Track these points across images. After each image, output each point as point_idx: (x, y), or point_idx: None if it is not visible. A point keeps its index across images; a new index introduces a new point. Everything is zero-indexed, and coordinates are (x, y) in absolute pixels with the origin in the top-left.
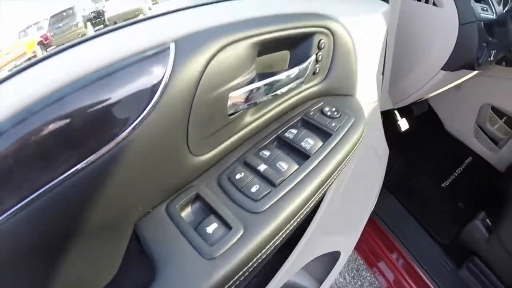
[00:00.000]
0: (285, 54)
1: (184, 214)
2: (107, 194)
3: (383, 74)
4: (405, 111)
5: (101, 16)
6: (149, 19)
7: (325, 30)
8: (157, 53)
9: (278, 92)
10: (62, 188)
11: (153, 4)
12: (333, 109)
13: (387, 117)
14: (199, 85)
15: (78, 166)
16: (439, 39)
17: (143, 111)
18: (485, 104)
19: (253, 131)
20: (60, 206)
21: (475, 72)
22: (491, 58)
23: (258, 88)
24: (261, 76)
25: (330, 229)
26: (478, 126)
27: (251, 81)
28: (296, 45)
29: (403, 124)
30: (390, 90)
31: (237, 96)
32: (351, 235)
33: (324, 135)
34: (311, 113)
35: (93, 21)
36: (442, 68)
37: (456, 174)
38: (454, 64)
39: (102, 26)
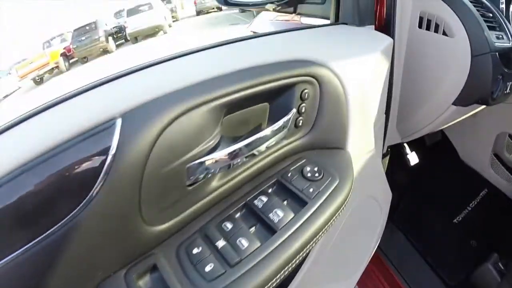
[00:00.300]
0: (264, 106)
1: (140, 283)
2: (65, 265)
3: (387, 113)
4: (416, 141)
5: (122, 31)
6: (101, 85)
7: (309, 79)
8: (102, 131)
9: (255, 151)
10: (17, 262)
11: (173, 21)
12: (315, 168)
13: (396, 150)
14: (148, 161)
15: (31, 243)
16: (450, 72)
17: (90, 191)
18: (502, 133)
19: (222, 195)
20: (17, 278)
21: None
22: (507, 91)
23: (228, 153)
24: (231, 139)
25: (318, 283)
26: (495, 155)
27: (216, 146)
28: (275, 98)
29: (413, 158)
30: (398, 124)
31: (196, 167)
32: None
33: (299, 203)
34: (289, 174)
35: (115, 36)
36: (453, 103)
37: (470, 208)
38: (466, 99)
39: (123, 40)
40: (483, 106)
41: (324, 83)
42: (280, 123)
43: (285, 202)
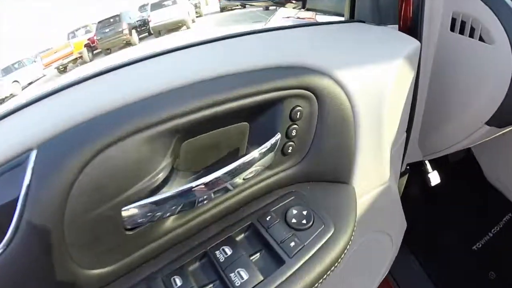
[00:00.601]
0: (241, 127)
1: None
2: None
3: (408, 131)
4: (439, 158)
5: (146, 25)
6: (20, 110)
7: (304, 92)
8: (15, 167)
9: (229, 185)
10: None
11: (197, 17)
12: (303, 212)
13: (416, 166)
14: (68, 203)
15: None
16: (486, 86)
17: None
18: None
19: (178, 238)
20: None
21: None
22: None
23: (182, 192)
24: (195, 169)
25: None
26: None
27: (166, 182)
28: (256, 116)
29: (434, 178)
30: (421, 140)
31: (134, 211)
32: None
33: (273, 261)
34: (268, 218)
35: (138, 29)
36: (487, 123)
37: (491, 234)
38: (503, 119)
39: (146, 34)
40: None
41: (324, 98)
42: (260, 150)
43: (255, 257)
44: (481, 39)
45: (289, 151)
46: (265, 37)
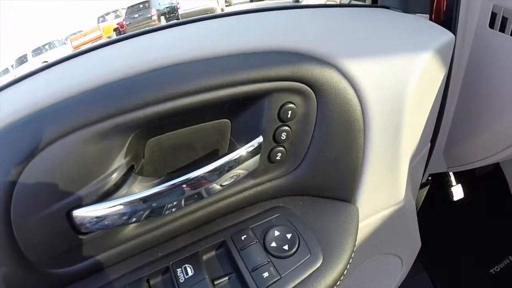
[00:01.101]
0: (222, 124)
1: None
2: None
3: (433, 141)
4: (465, 171)
5: (175, 12)
6: None
7: (297, 85)
8: None
9: (203, 192)
10: None
11: (226, 5)
12: (288, 235)
13: (439, 176)
14: (13, 204)
15: None
16: None
17: None
18: None
19: (142, 247)
20: None
21: None
22: None
23: (141, 198)
24: (163, 172)
25: None
26: None
27: (120, 185)
28: (238, 113)
29: (457, 192)
30: (447, 150)
31: (84, 216)
32: None
33: None
34: (243, 237)
35: (167, 16)
36: None
37: (510, 260)
38: None
39: (175, 20)
40: None
41: (325, 94)
42: (239, 153)
43: (221, 282)
44: None
45: (278, 158)
46: (264, 17)
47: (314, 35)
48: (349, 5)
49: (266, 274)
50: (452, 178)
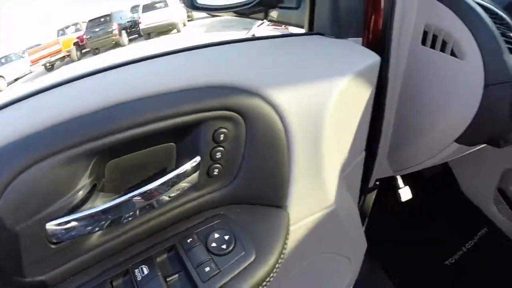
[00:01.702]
0: (168, 148)
1: None
2: None
3: (373, 147)
4: (413, 174)
5: (136, 26)
6: None
7: (227, 113)
8: None
9: (154, 203)
10: None
11: (188, 20)
12: (226, 237)
13: (388, 181)
14: None
15: None
16: (455, 102)
17: None
18: (510, 169)
19: (108, 252)
20: None
21: None
22: None
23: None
24: (122, 188)
25: None
26: (499, 190)
27: (85, 200)
28: (182, 137)
29: (405, 193)
30: (391, 155)
31: (56, 227)
32: None
33: (187, 285)
34: (189, 240)
35: (128, 30)
36: (456, 141)
37: (465, 249)
38: (473, 137)
39: (136, 35)
40: None
41: (252, 119)
42: (179, 171)
43: (172, 279)
44: (453, 54)
45: (215, 173)
46: (202, 54)
47: (242, 69)
48: (286, 35)
49: (207, 269)
50: (400, 181)
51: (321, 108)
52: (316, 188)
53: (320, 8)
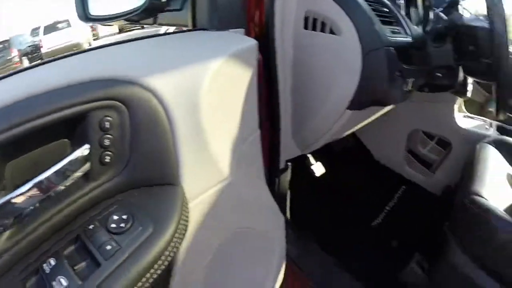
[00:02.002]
0: (61, 144)
1: None
2: None
3: (272, 131)
4: (324, 149)
5: (38, 51)
6: None
7: (111, 102)
8: None
9: (51, 193)
10: None
11: (94, 39)
12: (124, 216)
13: (302, 161)
14: None
15: None
16: (340, 73)
17: None
18: (414, 130)
19: (18, 256)
20: None
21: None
22: (408, 88)
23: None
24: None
25: None
26: (409, 151)
27: None
28: (72, 132)
29: (318, 169)
30: (295, 136)
31: None
32: None
33: (92, 266)
34: (91, 227)
35: (30, 56)
36: (348, 108)
37: (389, 209)
38: (361, 101)
39: (39, 60)
40: (388, 108)
41: (134, 107)
42: (70, 159)
43: (80, 266)
44: (332, 32)
45: (107, 160)
46: (91, 54)
47: (124, 62)
48: (171, 32)
49: (109, 247)
50: (311, 158)
51: (196, 88)
52: (207, 163)
53: (200, 6)
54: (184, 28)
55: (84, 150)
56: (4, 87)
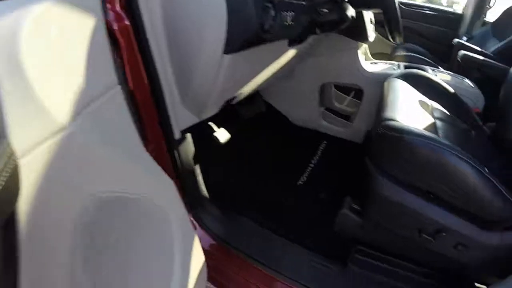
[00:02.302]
0: None
1: None
2: None
3: (156, 99)
4: (231, 118)
5: None
6: None
7: None
8: None
9: None
10: None
11: None
12: None
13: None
14: None
15: None
16: (207, 16)
17: None
18: (323, 85)
19: None
20: None
21: (292, 51)
22: (288, 22)
23: None
24: None
25: None
26: (326, 109)
27: None
28: None
29: (222, 135)
30: (185, 100)
31: None
32: None
33: None
34: None
35: None
36: (226, 52)
37: (313, 165)
38: (236, 41)
39: None
40: (287, 56)
41: None
42: None
43: None
44: None
45: None
46: None
47: None
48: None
49: None
50: (213, 125)
51: (16, 31)
52: (38, 114)
53: None
54: None
55: None
56: None
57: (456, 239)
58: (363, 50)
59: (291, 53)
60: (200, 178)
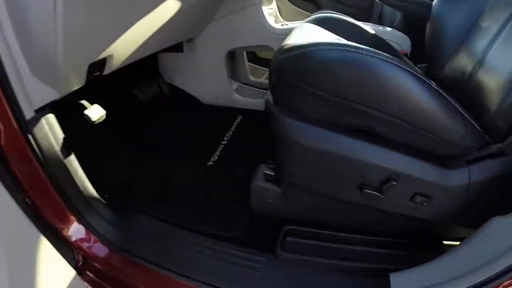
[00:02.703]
0: None
1: None
2: None
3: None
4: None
5: None
6: None
7: None
8: None
9: None
10: None
11: None
12: None
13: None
14: None
15: None
16: None
17: None
18: (231, 53)
19: None
20: None
21: (174, 2)
22: None
23: None
24: None
25: None
26: (245, 84)
27: None
28: None
29: (94, 113)
30: (37, 70)
31: None
32: None
33: None
34: None
35: None
36: None
37: (226, 140)
38: None
39: None
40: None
41: None
42: None
43: None
44: None
45: None
46: None
47: None
48: None
49: None
50: (85, 102)
51: None
52: None
53: None
54: None
55: None
56: None
57: (411, 188)
58: (272, 13)
59: (172, 2)
60: (80, 172)
